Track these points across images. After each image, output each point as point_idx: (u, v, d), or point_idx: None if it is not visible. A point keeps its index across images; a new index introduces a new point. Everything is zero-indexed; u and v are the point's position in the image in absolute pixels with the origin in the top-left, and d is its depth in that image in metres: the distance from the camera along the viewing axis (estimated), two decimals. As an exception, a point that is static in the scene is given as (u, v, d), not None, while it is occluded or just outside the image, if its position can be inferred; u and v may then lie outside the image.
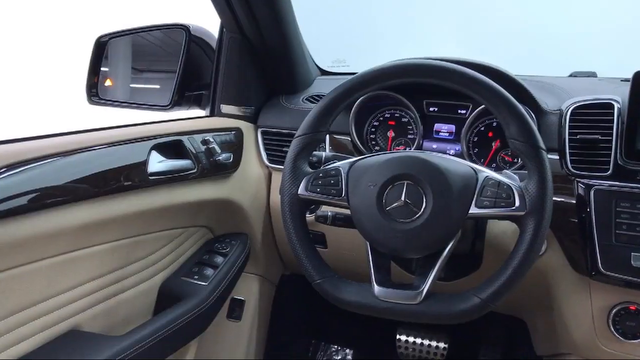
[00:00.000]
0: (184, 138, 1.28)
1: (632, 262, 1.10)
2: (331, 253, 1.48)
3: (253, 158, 1.52)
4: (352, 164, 1.05)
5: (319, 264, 1.05)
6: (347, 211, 1.04)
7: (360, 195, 1.01)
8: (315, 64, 1.74)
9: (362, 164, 1.04)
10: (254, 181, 1.51)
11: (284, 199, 1.06)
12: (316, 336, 2.06)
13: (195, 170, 1.29)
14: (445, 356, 1.81)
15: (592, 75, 1.60)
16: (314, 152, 1.15)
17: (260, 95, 1.56)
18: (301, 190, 1.05)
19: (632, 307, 1.14)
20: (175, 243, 1.38)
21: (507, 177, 0.99)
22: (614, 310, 1.15)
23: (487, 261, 1.27)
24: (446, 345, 1.81)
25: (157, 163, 1.21)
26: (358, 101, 1.39)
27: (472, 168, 1.00)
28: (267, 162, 1.51)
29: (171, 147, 1.26)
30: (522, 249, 0.94)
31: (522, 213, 0.94)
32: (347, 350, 2.06)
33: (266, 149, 1.51)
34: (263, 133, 1.52)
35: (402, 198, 0.97)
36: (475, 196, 0.96)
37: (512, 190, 0.95)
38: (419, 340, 1.83)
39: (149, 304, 1.33)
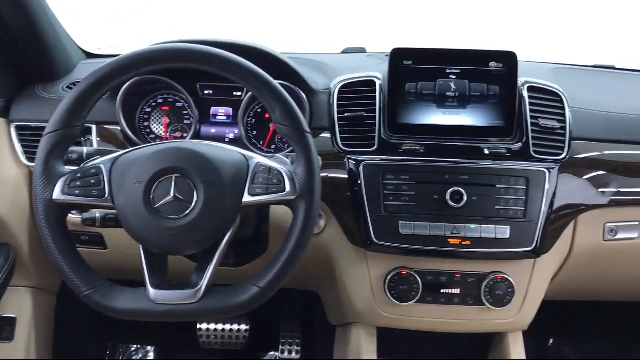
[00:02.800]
0: None
1: (400, 230, 1.18)
2: (112, 254, 1.36)
3: (7, 158, 1.32)
4: (114, 160, 0.96)
5: (85, 273, 0.95)
6: None
7: (125, 195, 0.92)
8: (79, 47, 1.57)
9: (125, 160, 0.95)
10: (11, 184, 1.32)
11: (37, 205, 0.94)
12: (112, 338, 1.93)
13: None
14: (247, 338, 1.81)
15: (362, 51, 1.66)
16: (73, 148, 1.03)
17: (8, 85, 1.36)
18: (57, 194, 0.93)
19: (403, 272, 1.22)
20: None
21: (279, 162, 0.98)
22: (389, 277, 1.23)
23: (274, 244, 1.27)
24: (247, 327, 1.81)
25: None
26: (125, 86, 1.28)
27: (244, 155, 0.97)
28: (25, 162, 1.33)
29: None
30: (296, 232, 0.94)
31: (293, 197, 0.94)
32: (148, 348, 1.96)
33: (24, 146, 1.33)
34: (18, 128, 1.34)
35: (172, 193, 0.91)
36: (247, 184, 0.94)
37: (283, 175, 0.94)
38: (220, 327, 1.81)
39: None
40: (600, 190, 1.24)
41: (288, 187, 0.94)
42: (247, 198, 0.94)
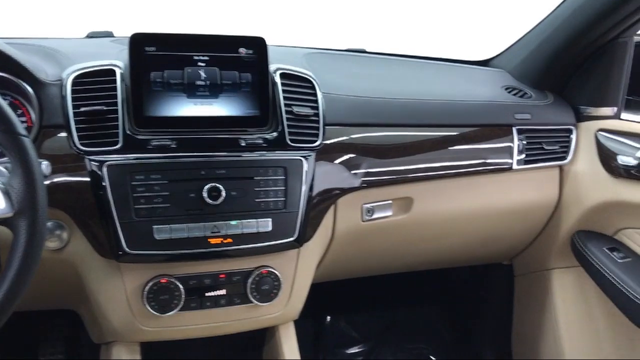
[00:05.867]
0: None
1: (155, 236, 1.07)
2: None
3: None
4: None
5: None
6: None
7: None
8: None
9: None
10: None
11: None
12: None
13: None
14: None
15: (109, 35, 1.49)
16: None
17: None
18: None
19: (163, 280, 1.12)
20: None
21: None
22: (147, 287, 1.11)
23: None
24: None
25: None
26: None
27: None
28: None
29: None
30: (18, 256, 0.78)
31: (10, 215, 0.78)
32: None
33: None
34: None
35: None
36: None
37: None
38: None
39: None
40: (354, 172, 1.27)
41: (2, 204, 0.77)
42: None
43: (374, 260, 1.54)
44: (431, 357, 2.02)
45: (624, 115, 1.54)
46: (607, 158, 1.49)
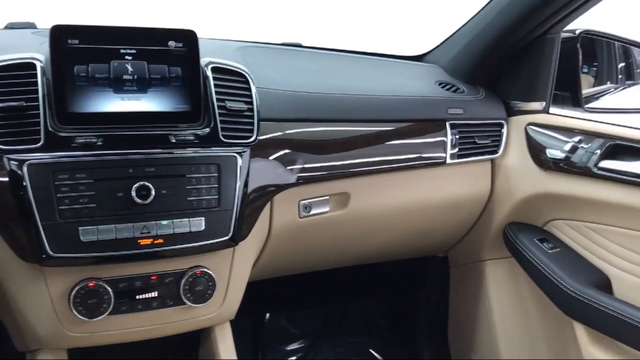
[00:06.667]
0: None
1: (81, 238, 1.02)
2: None
3: None
4: None
5: None
6: None
7: None
8: None
9: None
10: None
11: None
12: None
13: None
14: None
15: (31, 26, 1.41)
16: None
17: None
18: None
19: (91, 284, 1.07)
20: None
21: None
22: (74, 292, 1.06)
23: None
24: None
25: None
26: None
27: None
28: None
29: None
30: None
31: None
32: None
33: None
34: None
35: None
36: None
37: None
38: None
39: None
40: (290, 168, 1.25)
41: None
42: None
43: (313, 256, 1.53)
44: (371, 350, 2.03)
45: (552, 109, 1.59)
46: (536, 151, 1.53)
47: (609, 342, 1.36)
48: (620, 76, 1.92)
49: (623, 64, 1.91)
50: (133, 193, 1.04)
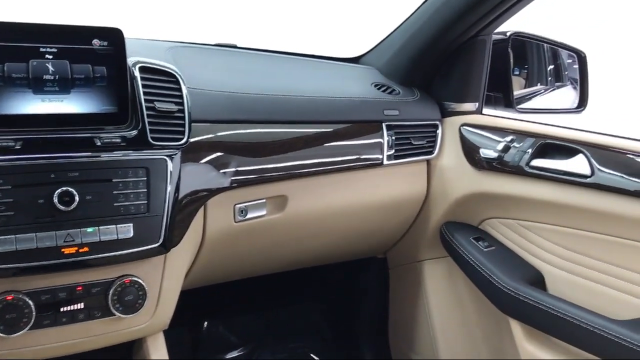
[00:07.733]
0: None
1: None
2: None
3: None
4: None
5: None
6: None
7: None
8: None
9: None
10: None
11: None
12: None
13: None
14: None
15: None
16: None
17: None
18: None
19: (9, 297, 1.00)
20: None
21: None
22: None
23: None
24: None
25: None
26: None
27: None
28: None
29: None
30: None
31: None
32: None
33: None
34: None
35: None
36: None
37: None
38: None
39: None
40: (223, 171, 1.22)
41: None
42: None
43: (250, 261, 1.50)
44: (312, 355, 2.01)
45: (485, 110, 1.62)
46: (470, 151, 1.56)
47: (543, 338, 1.39)
48: (549, 78, 1.98)
49: (552, 66, 1.97)
50: (55, 199, 0.98)
